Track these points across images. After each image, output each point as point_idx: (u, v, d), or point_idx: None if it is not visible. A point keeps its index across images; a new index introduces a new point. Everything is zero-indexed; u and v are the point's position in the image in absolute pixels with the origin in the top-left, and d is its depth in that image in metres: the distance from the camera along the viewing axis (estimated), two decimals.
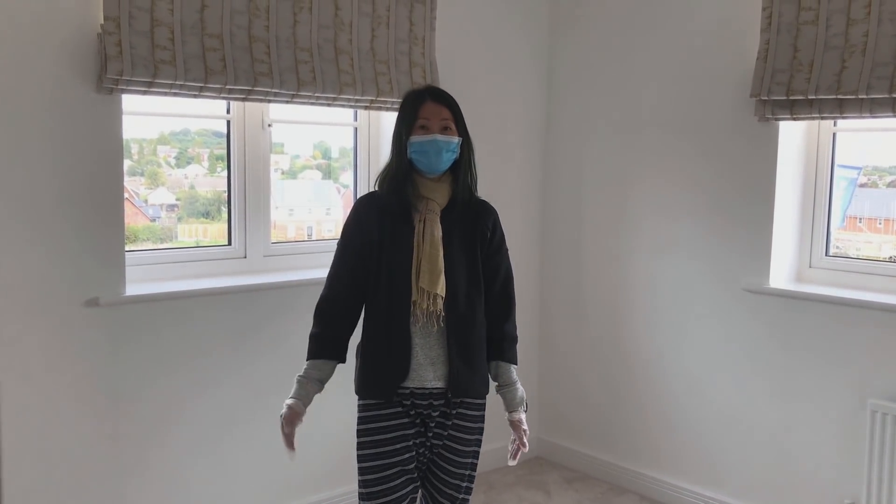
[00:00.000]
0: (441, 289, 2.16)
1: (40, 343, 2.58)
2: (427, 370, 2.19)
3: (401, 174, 2.21)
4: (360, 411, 2.26)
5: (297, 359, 3.12)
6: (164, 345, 2.84)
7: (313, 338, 2.26)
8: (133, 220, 3.06)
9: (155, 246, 3.17)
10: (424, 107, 2.21)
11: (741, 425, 3.32)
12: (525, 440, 2.32)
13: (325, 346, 2.24)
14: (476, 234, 2.27)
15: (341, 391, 3.26)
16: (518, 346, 2.39)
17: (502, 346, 2.33)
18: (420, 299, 2.15)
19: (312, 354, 2.25)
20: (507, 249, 2.37)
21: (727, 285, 3.32)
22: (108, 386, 2.73)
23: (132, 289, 2.78)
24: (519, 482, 3.80)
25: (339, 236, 2.33)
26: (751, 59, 3.13)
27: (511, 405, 2.33)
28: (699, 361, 3.45)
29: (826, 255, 3.24)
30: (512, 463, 2.36)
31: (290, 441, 2.19)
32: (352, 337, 2.29)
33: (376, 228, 2.21)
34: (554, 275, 4.02)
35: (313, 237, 3.60)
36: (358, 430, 2.25)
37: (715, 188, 3.35)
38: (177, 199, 3.27)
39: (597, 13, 3.75)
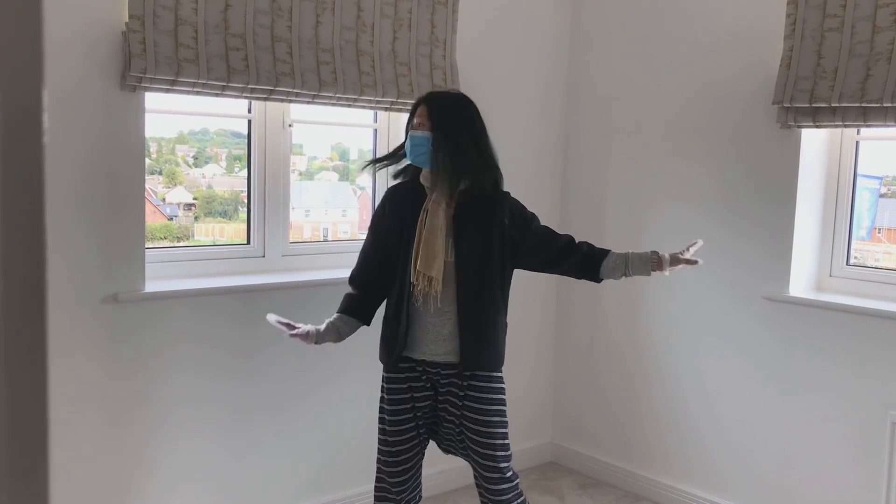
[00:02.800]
0: (437, 272, 2.35)
1: (59, 338, 2.58)
2: (438, 345, 2.42)
3: (409, 168, 2.53)
4: (382, 381, 2.55)
5: (314, 357, 3.14)
6: (182, 341, 2.84)
7: (345, 297, 2.55)
8: (150, 218, 3.06)
9: (172, 244, 3.18)
10: (419, 109, 2.45)
11: (757, 435, 3.29)
12: (688, 256, 2.51)
13: (352, 306, 2.52)
14: (494, 223, 2.44)
15: (351, 395, 3.26)
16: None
17: (593, 253, 2.52)
18: (416, 281, 2.37)
19: (341, 309, 2.53)
20: (534, 217, 2.56)
21: (746, 293, 3.30)
22: (126, 381, 2.74)
23: (151, 286, 2.78)
24: (533, 487, 3.78)
25: (355, 237, 2.48)
26: (773, 66, 3.11)
27: (643, 261, 2.48)
28: (716, 369, 3.43)
29: (847, 264, 3.22)
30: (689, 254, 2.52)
31: (289, 325, 2.44)
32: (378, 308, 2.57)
33: (398, 217, 2.46)
34: (570, 280, 3.99)
35: (329, 238, 3.60)
36: (380, 398, 2.55)
37: (736, 195, 3.33)
38: (194, 199, 3.28)
39: (619, 17, 3.74)
